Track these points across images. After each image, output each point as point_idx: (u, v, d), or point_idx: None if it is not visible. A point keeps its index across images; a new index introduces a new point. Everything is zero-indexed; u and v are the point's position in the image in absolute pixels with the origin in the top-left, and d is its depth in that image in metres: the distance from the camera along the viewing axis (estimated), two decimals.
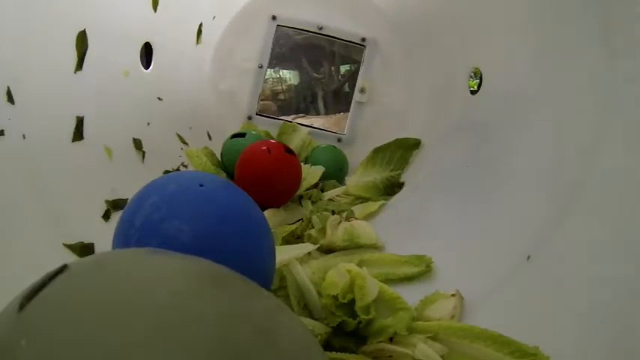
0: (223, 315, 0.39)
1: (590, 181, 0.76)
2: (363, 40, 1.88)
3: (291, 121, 1.91)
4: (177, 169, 1.43)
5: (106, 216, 1.01)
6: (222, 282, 0.45)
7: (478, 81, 1.35)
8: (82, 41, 1.00)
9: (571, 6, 0.91)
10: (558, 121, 0.91)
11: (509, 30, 1.16)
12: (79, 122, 1.00)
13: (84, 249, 0.88)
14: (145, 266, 0.44)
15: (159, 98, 1.46)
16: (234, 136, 1.65)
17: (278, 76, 2.20)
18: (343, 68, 2.17)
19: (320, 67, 2.20)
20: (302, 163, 1.61)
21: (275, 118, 2.00)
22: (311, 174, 1.55)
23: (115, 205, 1.04)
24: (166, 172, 1.35)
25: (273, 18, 1.88)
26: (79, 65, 1.00)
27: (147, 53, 1.36)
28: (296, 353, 0.42)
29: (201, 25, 1.70)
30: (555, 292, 0.72)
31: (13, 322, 0.38)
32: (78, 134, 1.00)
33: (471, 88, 1.37)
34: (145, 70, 1.36)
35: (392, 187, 1.46)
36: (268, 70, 2.00)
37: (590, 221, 0.73)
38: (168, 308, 0.38)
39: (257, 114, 1.95)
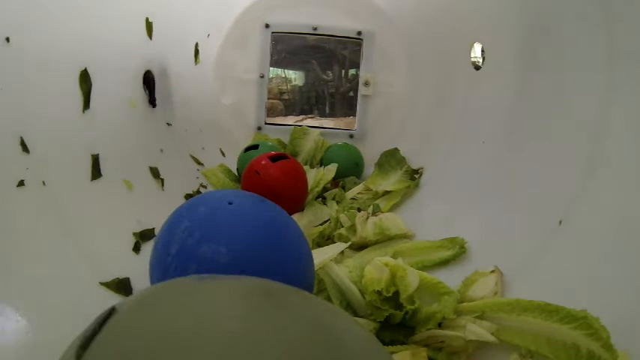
0: (290, 329, 0.39)
1: (615, 144, 0.75)
2: (359, 33, 1.87)
3: (301, 125, 1.91)
4: (198, 191, 1.44)
5: (137, 248, 1.02)
6: (278, 296, 0.45)
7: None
8: (85, 80, 1.00)
9: None
10: (569, 90, 0.90)
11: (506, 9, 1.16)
12: (95, 160, 1.01)
13: (120, 285, 0.88)
14: (197, 296, 0.44)
15: (168, 124, 1.47)
16: (248, 148, 1.65)
17: (283, 76, 2.21)
18: (350, 72, 2.17)
19: (328, 70, 2.21)
20: (317, 166, 1.62)
21: (285, 125, 2.00)
22: (325, 174, 1.55)
23: (143, 236, 1.05)
24: (188, 195, 1.35)
25: (267, 26, 1.89)
26: (86, 104, 1.01)
27: (149, 86, 1.35)
28: (363, 353, 0.41)
29: (197, 44, 1.71)
30: (591, 255, 0.72)
31: None
32: (96, 172, 1.00)
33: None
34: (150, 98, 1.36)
35: (412, 175, 1.46)
36: (274, 69, 2.00)
37: (620, 179, 0.73)
38: (235, 335, 0.37)
39: (266, 123, 1.96)
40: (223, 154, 1.80)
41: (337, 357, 0.38)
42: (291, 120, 2.11)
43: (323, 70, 2.22)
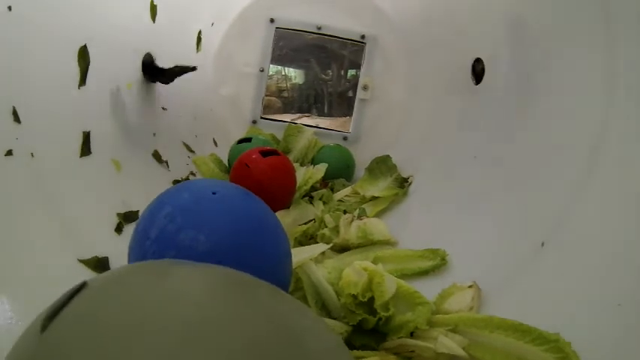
0: (251, 323, 0.39)
1: (602, 168, 0.75)
2: (363, 37, 1.88)
3: (296, 123, 1.91)
4: (187, 178, 1.43)
5: (119, 229, 1.01)
6: (246, 289, 0.45)
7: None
8: (83, 56, 1.00)
9: None
10: (562, 110, 0.91)
11: (509, 20, 1.16)
12: (86, 137, 1.00)
13: (99, 263, 0.88)
14: (166, 279, 0.44)
15: (163, 108, 1.46)
16: (241, 141, 1.65)
17: (283, 73, 2.21)
18: (349, 73, 2.17)
19: (327, 69, 2.21)
20: (307, 164, 1.62)
21: (280, 121, 2.00)
22: (315, 173, 1.55)
23: (127, 217, 1.04)
24: (176, 181, 1.35)
25: (272, 21, 1.88)
26: (83, 80, 1.00)
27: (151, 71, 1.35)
28: (324, 354, 0.41)
29: (200, 32, 1.71)
30: (571, 278, 0.72)
31: (37, 344, 0.37)
32: (85, 149, 1.00)
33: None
34: (147, 80, 1.36)
35: (401, 183, 1.46)
36: (274, 66, 2.00)
37: (603, 205, 0.73)
38: (194, 321, 0.37)
39: (261, 117, 1.96)
40: (216, 144, 1.79)
41: (294, 356, 0.38)
42: (287, 117, 2.11)
43: (322, 69, 2.22)
